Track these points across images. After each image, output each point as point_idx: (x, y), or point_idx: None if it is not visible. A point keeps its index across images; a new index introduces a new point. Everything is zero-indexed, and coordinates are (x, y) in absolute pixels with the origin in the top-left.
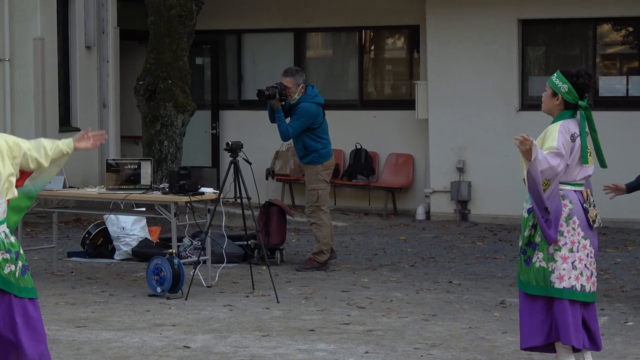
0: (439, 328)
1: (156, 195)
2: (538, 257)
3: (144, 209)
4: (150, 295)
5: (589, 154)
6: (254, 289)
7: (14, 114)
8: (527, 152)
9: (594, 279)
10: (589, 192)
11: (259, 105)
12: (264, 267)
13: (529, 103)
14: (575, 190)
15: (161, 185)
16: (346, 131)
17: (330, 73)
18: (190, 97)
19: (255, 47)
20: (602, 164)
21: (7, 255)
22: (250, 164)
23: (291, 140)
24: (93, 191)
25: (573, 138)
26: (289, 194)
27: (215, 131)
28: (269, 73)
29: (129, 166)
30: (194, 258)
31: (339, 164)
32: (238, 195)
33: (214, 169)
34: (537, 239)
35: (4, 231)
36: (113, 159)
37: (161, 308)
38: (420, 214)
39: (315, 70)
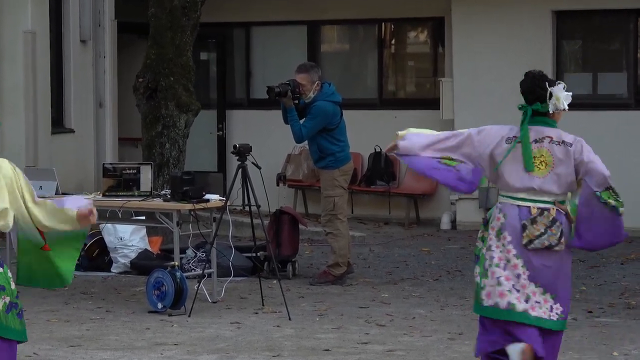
0: (466, 348)
1: (157, 203)
2: (476, 272)
3: (143, 217)
4: (150, 312)
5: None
6: (263, 305)
7: (2, 113)
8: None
9: (532, 302)
10: (551, 210)
11: (269, 105)
12: (275, 281)
13: None
14: (518, 205)
15: (162, 192)
16: (364, 133)
17: (347, 69)
18: (194, 96)
19: (265, 41)
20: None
21: None
22: (259, 168)
23: (305, 142)
24: (88, 198)
25: (508, 140)
26: (302, 202)
27: (221, 132)
28: (280, 69)
29: (128, 171)
30: (198, 271)
31: (356, 169)
32: (246, 202)
33: (220, 173)
34: (482, 252)
35: None
36: (110, 163)
37: (162, 326)
38: (445, 223)
39: (331, 67)
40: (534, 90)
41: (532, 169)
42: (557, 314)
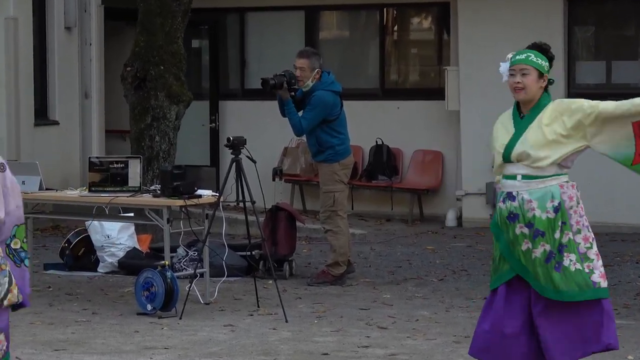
0: None
1: (146, 199)
2: (571, 260)
3: (132, 214)
4: (139, 314)
5: None
6: (258, 307)
7: None
8: None
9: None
10: None
11: (264, 95)
12: (271, 282)
13: (576, 91)
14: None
15: (152, 187)
16: (365, 124)
17: (347, 58)
18: (186, 86)
19: (260, 27)
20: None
21: None
22: (254, 162)
23: (301, 138)
24: (74, 194)
25: None
26: (299, 197)
27: (214, 125)
28: (277, 57)
29: (115, 165)
30: (190, 271)
31: (357, 163)
32: (241, 198)
33: (212, 168)
34: (564, 240)
35: None
36: (96, 157)
37: (152, 328)
38: (450, 219)
39: (330, 55)
40: None
41: None
42: None
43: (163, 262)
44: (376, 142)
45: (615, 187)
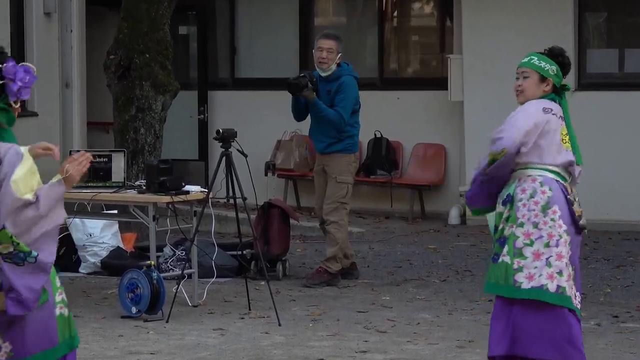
0: (477, 357)
1: (131, 195)
2: (502, 251)
3: (115, 211)
4: (123, 317)
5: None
6: (250, 309)
7: None
8: None
9: (576, 290)
10: (574, 190)
11: (255, 85)
12: (263, 283)
13: (587, 81)
14: (556, 180)
15: (137, 183)
16: (364, 116)
17: (344, 45)
18: (173, 75)
19: (251, 13)
20: (579, 159)
21: None
22: (245, 156)
23: (296, 129)
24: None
25: (546, 111)
26: (293, 193)
27: (203, 116)
28: (269, 45)
29: (98, 159)
30: (177, 271)
31: None
32: (231, 194)
33: (201, 162)
34: (507, 232)
35: None
36: (78, 150)
37: (137, 332)
38: (453, 217)
39: None
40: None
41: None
42: (579, 302)
43: (149, 262)
44: (375, 134)
45: (628, 185)
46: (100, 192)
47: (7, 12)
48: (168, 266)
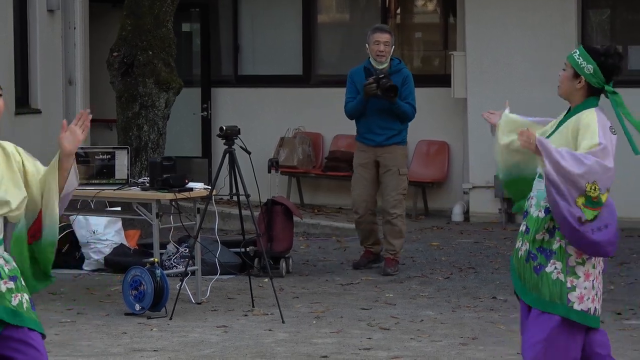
0: (481, 354)
1: (134, 192)
2: (556, 268)
3: (119, 208)
4: (127, 314)
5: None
6: (253, 306)
7: None
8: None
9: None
10: None
11: (259, 82)
12: (266, 280)
13: None
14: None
15: (140, 180)
16: None
17: (347, 42)
18: (176, 72)
19: (254, 9)
20: (636, 150)
21: (12, 284)
22: (249, 153)
23: (299, 126)
24: None
25: (612, 130)
26: (297, 190)
27: (206, 113)
28: (272, 42)
29: (101, 156)
30: (181, 269)
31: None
32: (234, 191)
33: (204, 159)
34: (555, 246)
35: (1, 256)
36: (81, 148)
37: (140, 329)
38: (457, 214)
39: (329, 39)
40: (620, 68)
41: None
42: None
43: (152, 259)
44: None
45: (631, 182)
46: (104, 190)
47: (10, 9)
48: (171, 263)
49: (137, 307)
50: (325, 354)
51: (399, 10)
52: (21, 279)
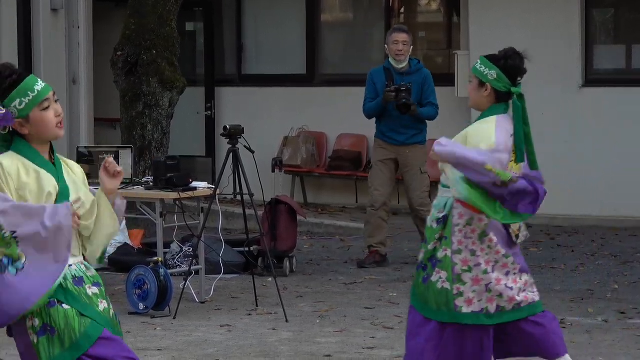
0: None
1: (138, 191)
2: (440, 277)
3: None
4: (130, 313)
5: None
6: (257, 306)
7: None
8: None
9: (527, 292)
10: None
11: (262, 82)
12: (270, 279)
13: (594, 77)
14: None
15: (144, 179)
16: None
17: (351, 42)
18: (179, 71)
19: (258, 9)
20: (534, 165)
21: (96, 289)
22: (252, 152)
23: (303, 126)
24: None
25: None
26: (300, 190)
27: (209, 112)
28: (276, 41)
29: (105, 155)
30: (185, 268)
31: (361, 153)
32: (238, 190)
33: (208, 158)
34: (440, 255)
35: (82, 262)
36: (85, 147)
37: (144, 329)
38: None
39: (332, 39)
40: (522, 69)
41: (522, 161)
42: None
43: (156, 258)
44: None
45: (635, 181)
46: None
47: (14, 8)
48: (175, 263)
49: (141, 306)
50: (329, 353)
51: (402, 10)
52: (104, 286)
